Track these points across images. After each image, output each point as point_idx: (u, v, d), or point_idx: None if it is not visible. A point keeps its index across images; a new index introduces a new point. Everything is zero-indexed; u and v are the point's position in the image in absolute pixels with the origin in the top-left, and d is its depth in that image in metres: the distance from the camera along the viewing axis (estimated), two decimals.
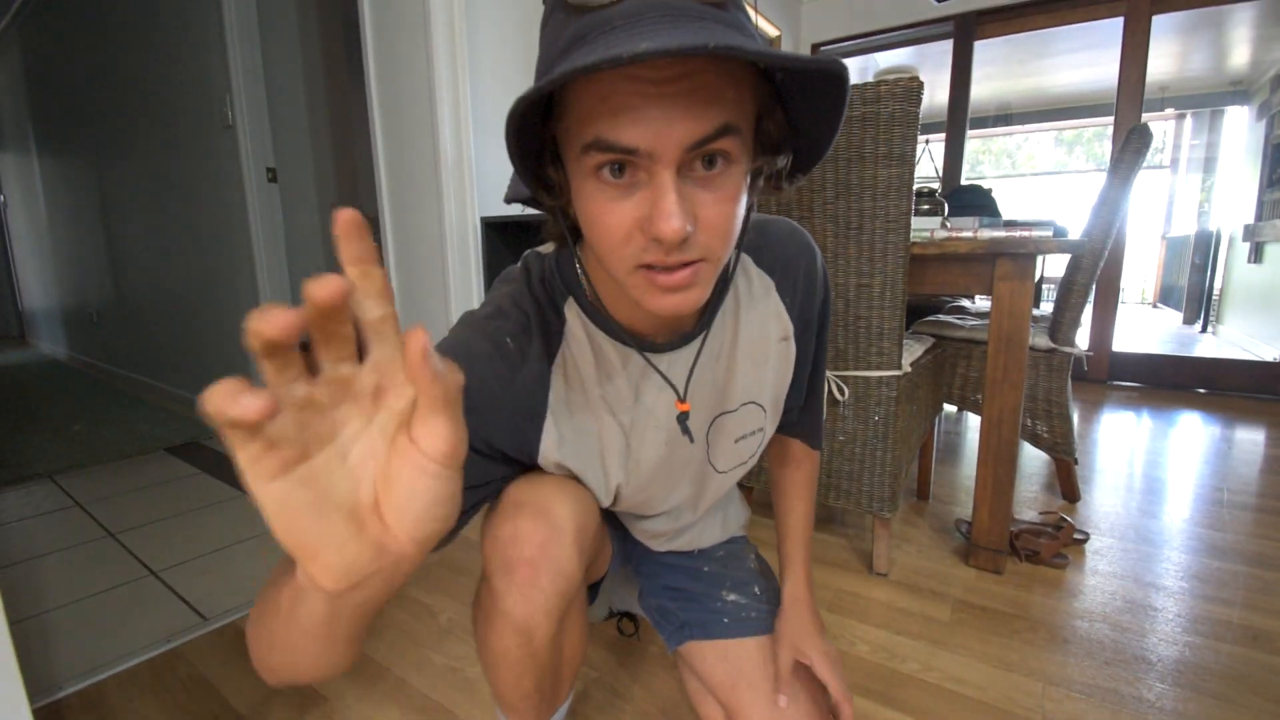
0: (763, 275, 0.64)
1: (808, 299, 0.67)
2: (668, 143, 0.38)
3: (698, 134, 0.39)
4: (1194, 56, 4.34)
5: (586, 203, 0.43)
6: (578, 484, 0.61)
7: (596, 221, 0.43)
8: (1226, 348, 3.92)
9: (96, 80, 3.10)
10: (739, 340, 0.63)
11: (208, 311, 2.68)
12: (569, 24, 0.39)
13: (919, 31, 3.25)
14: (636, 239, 0.42)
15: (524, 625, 0.55)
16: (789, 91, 0.44)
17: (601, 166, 0.40)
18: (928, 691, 0.96)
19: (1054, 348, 1.54)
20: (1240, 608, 1.16)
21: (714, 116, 0.39)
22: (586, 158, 0.40)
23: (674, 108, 0.38)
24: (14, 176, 4.98)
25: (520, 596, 0.54)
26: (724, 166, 0.42)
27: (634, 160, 0.40)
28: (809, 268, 0.66)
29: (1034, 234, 1.23)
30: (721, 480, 0.70)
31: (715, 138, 0.39)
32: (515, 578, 0.54)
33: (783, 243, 0.65)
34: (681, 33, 0.35)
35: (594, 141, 0.39)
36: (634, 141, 0.38)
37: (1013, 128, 6.29)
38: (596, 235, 0.44)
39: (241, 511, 1.71)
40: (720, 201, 0.42)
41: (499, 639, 0.57)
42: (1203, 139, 5.45)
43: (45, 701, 0.98)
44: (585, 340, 0.57)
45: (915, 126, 1.07)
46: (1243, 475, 1.82)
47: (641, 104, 0.38)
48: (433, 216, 1.65)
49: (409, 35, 1.60)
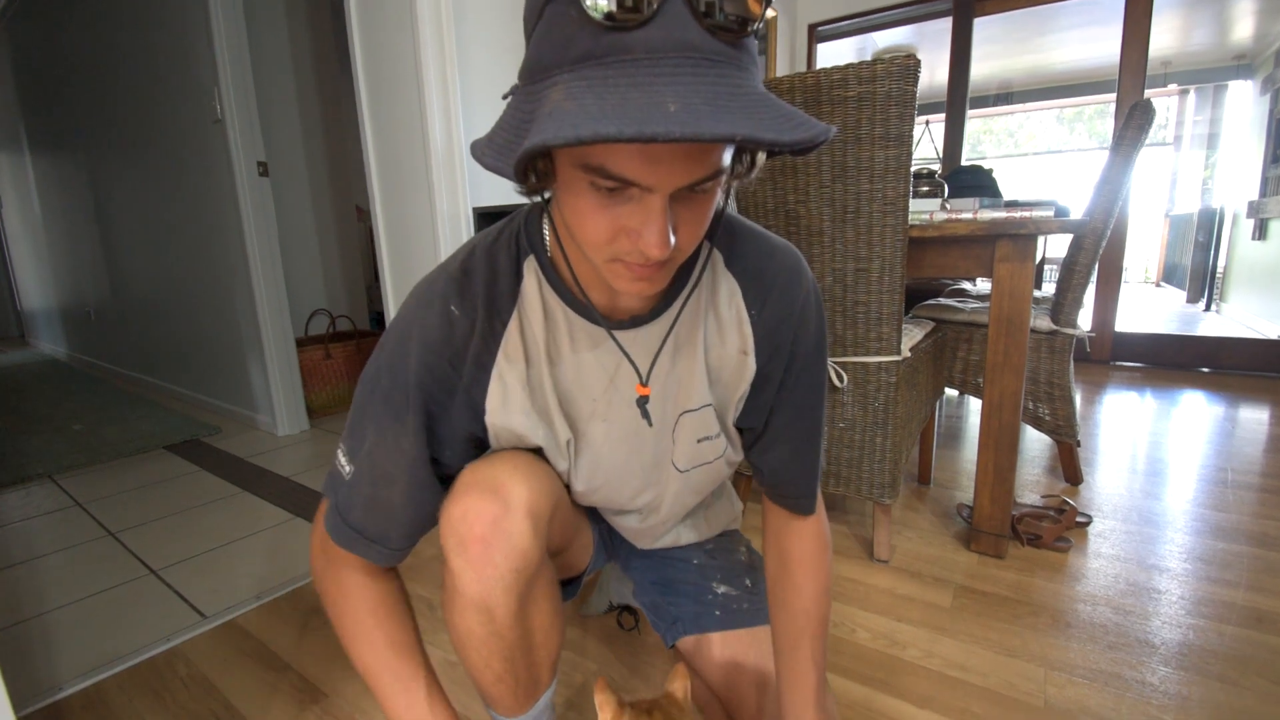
0: (729, 279, 0.61)
1: (780, 319, 0.62)
2: (667, 182, 0.40)
3: (695, 176, 0.41)
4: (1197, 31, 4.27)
5: (575, 200, 0.44)
6: (535, 460, 0.61)
7: (583, 220, 0.44)
8: (1230, 326, 3.90)
9: (86, 77, 3.07)
10: (698, 339, 0.61)
11: (203, 307, 2.67)
12: (581, 28, 0.36)
13: (917, 9, 3.19)
14: (620, 241, 0.44)
15: (482, 602, 0.56)
16: None
17: (596, 184, 0.41)
18: (929, 678, 0.95)
19: (1056, 329, 1.52)
20: (1244, 589, 1.15)
21: (711, 164, 0.41)
22: (584, 173, 0.41)
23: (678, 155, 0.39)
24: (7, 176, 4.95)
25: (475, 574, 0.55)
26: (705, 192, 0.44)
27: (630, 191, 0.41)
28: (787, 288, 0.62)
29: (1035, 214, 1.20)
30: (685, 480, 0.68)
31: (708, 179, 0.42)
32: (469, 555, 0.55)
33: (764, 256, 0.62)
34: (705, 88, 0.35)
35: (597, 168, 0.40)
36: (636, 177, 0.39)
37: (1013, 106, 6.22)
38: (580, 230, 0.45)
39: (241, 509, 1.71)
40: (699, 217, 0.45)
41: (462, 617, 0.58)
42: (1206, 115, 5.39)
43: (46, 701, 0.98)
44: (539, 301, 0.57)
45: (912, 106, 1.05)
46: (1247, 455, 1.81)
47: (649, 149, 0.38)
48: (424, 207, 1.63)
49: (396, 24, 1.57)
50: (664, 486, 0.69)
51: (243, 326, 2.42)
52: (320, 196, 2.84)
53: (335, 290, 2.97)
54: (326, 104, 2.81)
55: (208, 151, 2.30)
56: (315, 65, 2.75)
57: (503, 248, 0.58)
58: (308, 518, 1.63)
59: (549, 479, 0.61)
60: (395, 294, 1.79)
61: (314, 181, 2.81)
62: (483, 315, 0.56)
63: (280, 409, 2.38)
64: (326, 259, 2.91)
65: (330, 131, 2.84)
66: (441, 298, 0.56)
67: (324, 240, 2.88)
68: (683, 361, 0.61)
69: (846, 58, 3.93)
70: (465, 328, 0.56)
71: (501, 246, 0.58)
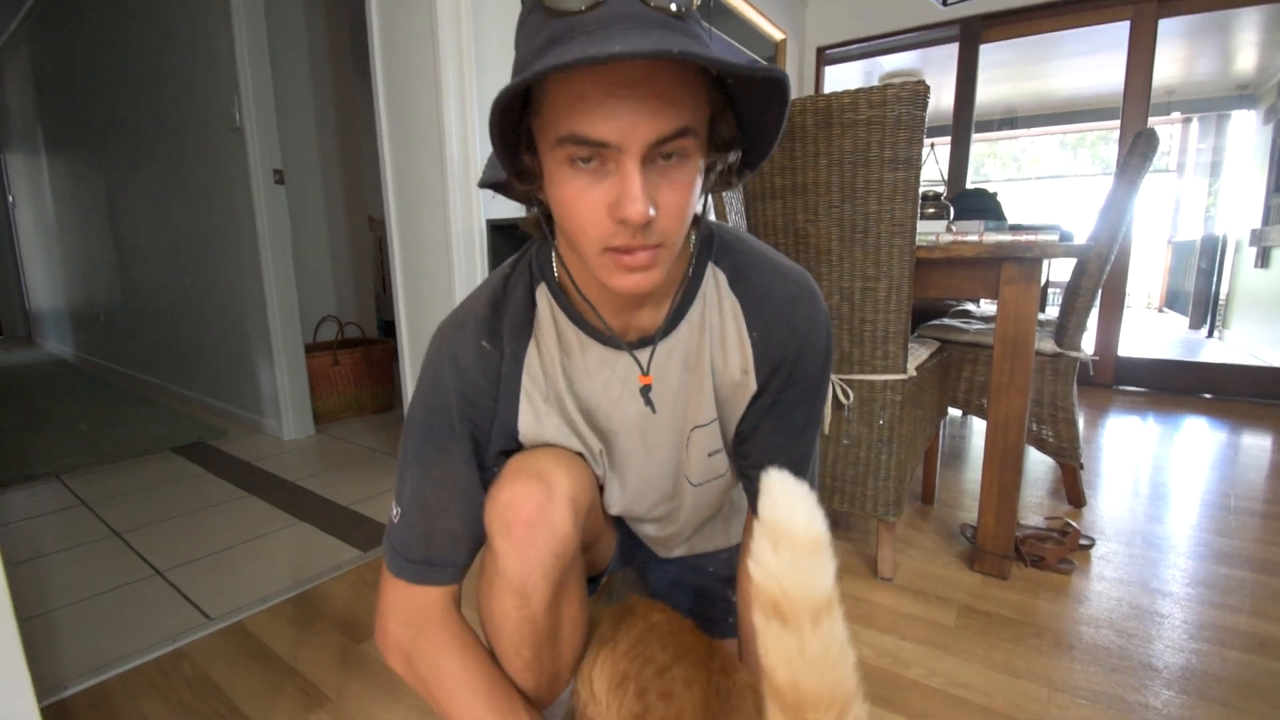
0: (733, 298, 0.63)
1: (781, 342, 0.63)
2: (634, 137, 0.43)
3: (660, 131, 0.44)
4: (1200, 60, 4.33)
5: (559, 189, 0.47)
6: (575, 456, 0.64)
7: (568, 206, 0.47)
8: (1233, 353, 3.90)
9: (104, 82, 3.12)
10: (703, 355, 0.63)
11: (214, 312, 2.69)
12: (545, 25, 0.43)
13: (924, 35, 3.24)
14: (605, 224, 0.47)
15: (521, 586, 0.58)
16: (740, 95, 0.50)
17: (574, 158, 0.45)
18: (932, 697, 0.95)
19: (1060, 352, 1.53)
20: (1247, 614, 1.15)
21: (674, 118, 0.44)
22: (560, 150, 0.45)
23: (640, 107, 0.43)
24: (22, 177, 5.02)
25: (518, 556, 0.57)
26: (680, 160, 0.47)
27: (603, 153, 0.44)
28: (789, 311, 0.62)
29: (1039, 238, 1.22)
30: (698, 494, 0.72)
31: (674, 138, 0.44)
32: (513, 538, 0.57)
33: (769, 279, 0.63)
34: (650, 39, 0.40)
35: (568, 136, 0.44)
36: (604, 136, 0.43)
37: (1018, 131, 6.28)
38: (568, 219, 0.48)
39: (246, 512, 1.72)
40: (677, 190, 0.47)
41: (499, 600, 0.60)
42: (1209, 143, 5.43)
43: (51, 700, 0.99)
44: (552, 324, 0.62)
45: (921, 130, 1.07)
46: (1249, 481, 1.81)
47: (611, 103, 0.42)
48: (439, 218, 1.66)
49: (416, 38, 1.61)
50: (680, 499, 0.72)
51: (252, 331, 2.44)
52: (333, 205, 2.88)
53: (345, 297, 2.99)
54: (341, 113, 2.85)
55: (224, 158, 2.33)
56: (332, 75, 2.80)
57: (519, 279, 0.63)
58: (313, 522, 1.64)
59: (587, 473, 0.64)
60: (407, 304, 1.81)
61: (328, 190, 2.84)
62: (509, 344, 0.61)
63: (287, 414, 2.40)
64: (338, 266, 2.94)
65: (345, 140, 2.88)
66: (474, 335, 0.61)
67: (336, 248, 2.91)
68: (692, 378, 0.64)
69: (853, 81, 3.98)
70: (496, 360, 0.61)
71: (517, 278, 0.63)
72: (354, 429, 2.53)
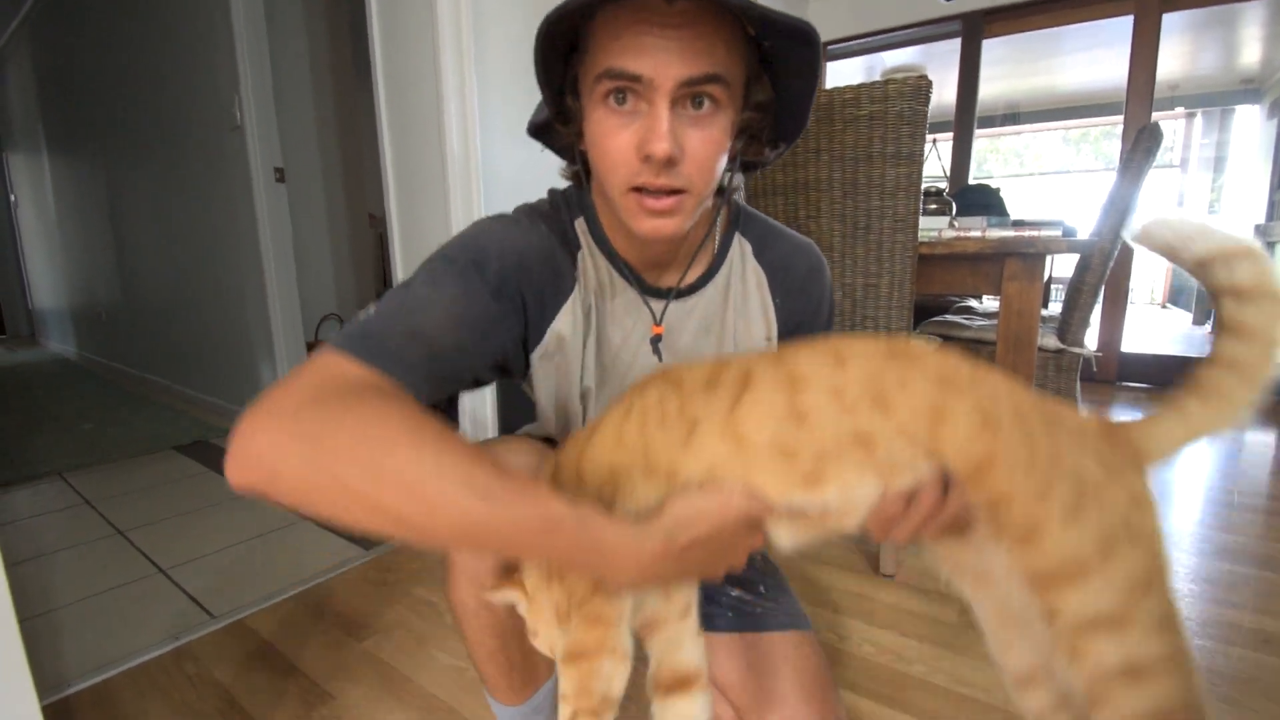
0: (758, 269, 0.67)
1: (799, 308, 0.68)
2: (666, 74, 0.46)
3: (691, 72, 0.46)
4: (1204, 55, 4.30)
5: (595, 128, 0.51)
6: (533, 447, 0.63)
7: (601, 143, 0.51)
8: None
9: (106, 81, 3.12)
10: (727, 322, 0.66)
11: (216, 310, 2.69)
12: None
13: (926, 30, 3.23)
14: (633, 162, 0.49)
15: (474, 572, 0.58)
16: (774, 59, 0.52)
17: (609, 94, 0.48)
18: (935, 694, 0.95)
19: (1062, 348, 1.53)
20: (1251, 611, 1.15)
21: (706, 63, 0.47)
22: (599, 85, 0.48)
23: (673, 46, 0.46)
24: (24, 176, 5.02)
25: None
26: (711, 110, 0.49)
27: (637, 89, 0.47)
28: (807, 277, 0.68)
29: (1042, 234, 1.22)
30: None
31: (704, 81, 0.47)
32: None
33: (789, 248, 0.68)
34: None
35: (606, 70, 0.47)
36: (639, 69, 0.46)
37: (1020, 127, 6.26)
38: (600, 156, 0.52)
39: (248, 511, 1.72)
40: (705, 140, 0.50)
41: (456, 590, 0.60)
42: (1213, 138, 5.41)
43: (54, 698, 0.99)
44: (591, 262, 0.62)
45: (923, 125, 1.07)
46: (1254, 477, 1.80)
47: (648, 40, 0.46)
48: (440, 217, 1.65)
49: (416, 35, 1.60)
50: None
51: (254, 329, 2.44)
52: (334, 202, 2.88)
53: (346, 295, 2.99)
54: (342, 111, 2.85)
55: (225, 156, 2.33)
56: (332, 72, 2.79)
57: (555, 213, 0.62)
58: (314, 520, 1.64)
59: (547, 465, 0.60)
60: None
61: (328, 187, 2.84)
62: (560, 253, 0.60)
63: None
64: (339, 264, 2.94)
65: (345, 138, 2.88)
66: (529, 215, 0.60)
67: (336, 246, 2.91)
68: (707, 339, 0.66)
69: (855, 76, 3.97)
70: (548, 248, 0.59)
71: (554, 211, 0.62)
72: None
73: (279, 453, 0.36)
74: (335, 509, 0.36)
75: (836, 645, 1.08)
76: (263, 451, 0.36)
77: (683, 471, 0.40)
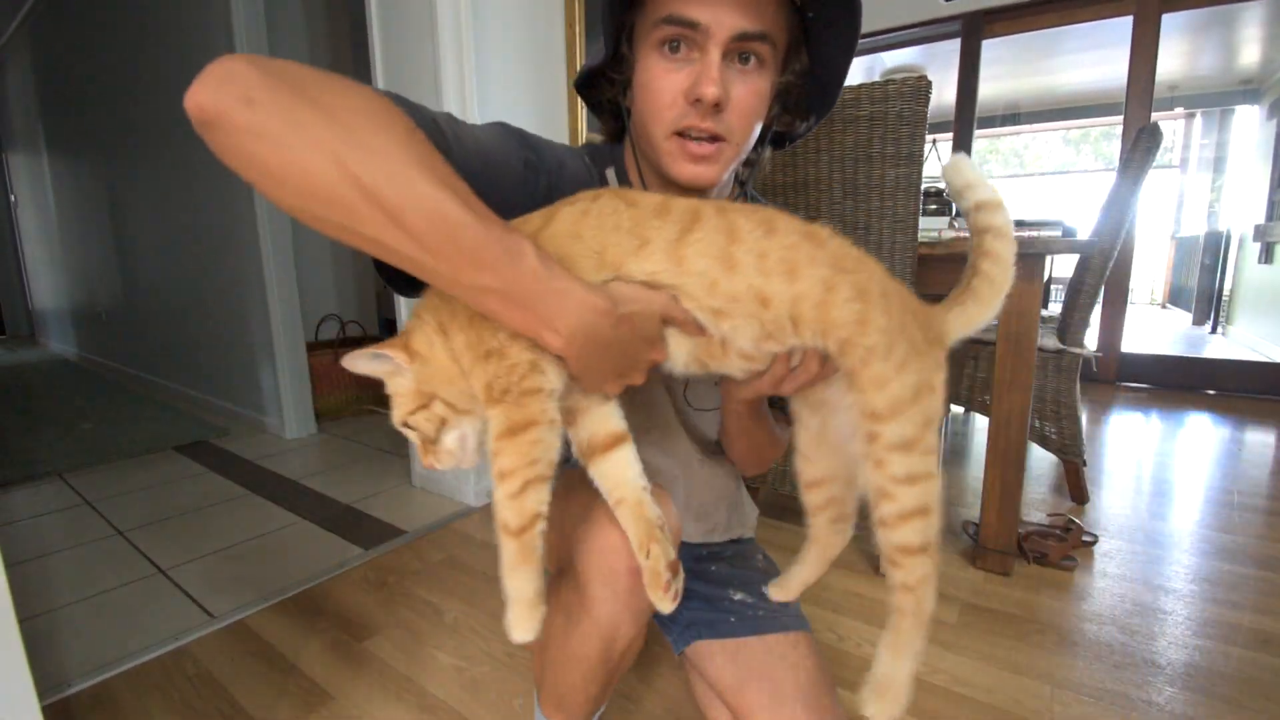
0: None
1: None
2: (722, 24, 0.50)
3: (745, 26, 0.51)
4: (1204, 55, 4.30)
5: (646, 72, 0.54)
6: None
7: (649, 87, 0.54)
8: (1236, 349, 3.89)
9: (106, 81, 3.12)
10: None
11: (215, 309, 2.69)
12: None
13: (926, 30, 3.23)
14: (679, 105, 0.53)
15: (613, 633, 0.58)
16: (815, 30, 0.57)
17: (665, 42, 0.52)
18: (935, 694, 0.95)
19: (1062, 348, 1.53)
20: (1250, 611, 1.15)
21: (758, 20, 0.51)
22: (656, 31, 0.52)
23: (732, 1, 0.50)
24: (24, 176, 5.02)
25: (620, 605, 0.56)
26: (756, 66, 0.54)
27: (692, 36, 0.51)
28: None
29: (1042, 234, 1.22)
30: (701, 420, 0.75)
31: (756, 39, 0.52)
32: (616, 586, 0.56)
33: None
34: None
35: (666, 16, 0.51)
36: (697, 16, 0.50)
37: (1020, 127, 6.26)
38: (649, 98, 0.55)
39: (248, 511, 1.72)
40: (750, 92, 0.54)
41: (582, 643, 0.59)
42: (1212, 138, 5.41)
43: (55, 698, 0.99)
44: None
45: (923, 126, 1.07)
46: (1253, 477, 1.80)
47: None
48: None
49: (416, 35, 1.60)
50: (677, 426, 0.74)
51: (254, 330, 2.44)
52: None
53: (346, 296, 2.99)
54: None
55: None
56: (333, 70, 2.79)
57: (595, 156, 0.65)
58: (314, 520, 1.64)
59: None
60: (408, 302, 1.81)
61: None
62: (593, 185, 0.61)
63: (289, 412, 2.40)
64: (339, 265, 2.94)
65: None
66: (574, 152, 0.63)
67: (336, 246, 2.91)
68: None
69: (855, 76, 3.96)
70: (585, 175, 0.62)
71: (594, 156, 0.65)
72: (356, 427, 2.54)
73: (259, 83, 0.33)
74: (297, 166, 0.32)
75: (836, 645, 1.08)
76: (244, 73, 0.33)
77: (629, 272, 0.47)
